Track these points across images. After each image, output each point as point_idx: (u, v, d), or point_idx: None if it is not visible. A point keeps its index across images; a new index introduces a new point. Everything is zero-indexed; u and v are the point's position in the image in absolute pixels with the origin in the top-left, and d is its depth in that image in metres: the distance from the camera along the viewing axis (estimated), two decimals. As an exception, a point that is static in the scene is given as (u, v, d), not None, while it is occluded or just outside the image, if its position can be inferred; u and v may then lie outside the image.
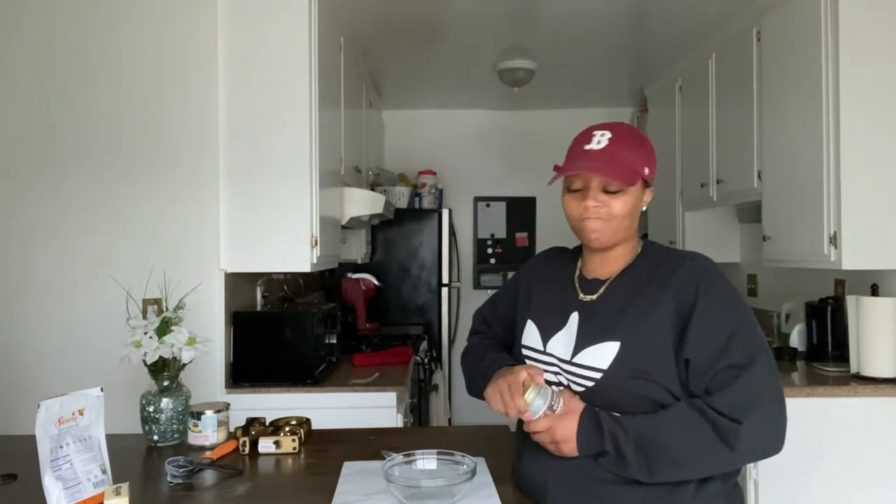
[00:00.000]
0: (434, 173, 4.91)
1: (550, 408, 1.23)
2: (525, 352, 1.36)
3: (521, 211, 5.33)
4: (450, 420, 4.20)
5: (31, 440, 1.28)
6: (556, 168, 1.30)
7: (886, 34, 2.41)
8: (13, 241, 2.39)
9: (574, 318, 1.31)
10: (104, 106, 2.40)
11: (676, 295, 1.22)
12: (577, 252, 1.43)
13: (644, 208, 1.32)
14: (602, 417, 1.20)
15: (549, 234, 5.26)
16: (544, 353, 1.32)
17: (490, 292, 5.92)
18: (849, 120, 2.40)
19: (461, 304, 5.19)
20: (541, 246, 5.31)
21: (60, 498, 1.28)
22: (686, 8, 3.14)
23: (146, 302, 2.16)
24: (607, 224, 1.27)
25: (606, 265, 1.34)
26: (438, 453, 1.39)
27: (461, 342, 5.57)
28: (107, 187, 2.40)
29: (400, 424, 2.50)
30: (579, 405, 1.23)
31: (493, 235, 5.34)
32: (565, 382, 1.28)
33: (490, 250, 5.34)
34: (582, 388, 1.25)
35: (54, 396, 1.32)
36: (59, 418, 1.32)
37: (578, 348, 1.27)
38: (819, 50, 2.48)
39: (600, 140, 1.27)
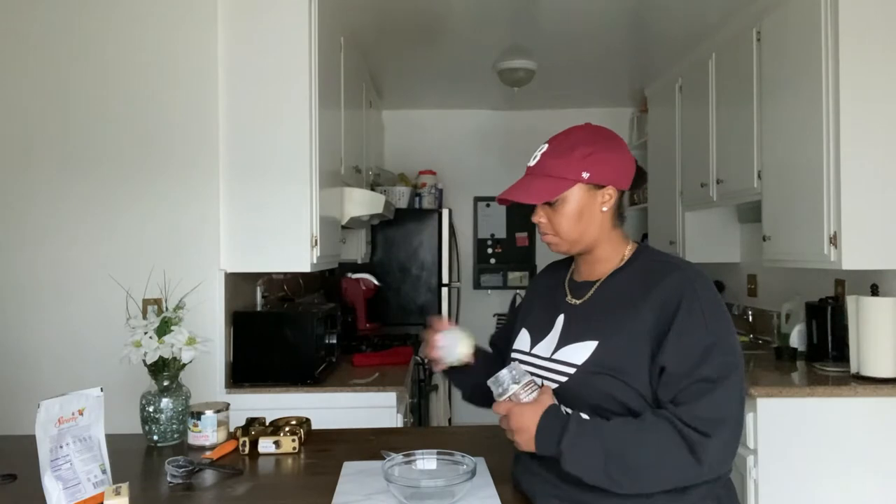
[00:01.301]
0: (434, 173, 4.91)
1: (517, 394, 1.23)
2: (514, 355, 1.39)
3: (521, 211, 5.28)
4: (450, 420, 4.20)
5: (31, 440, 1.28)
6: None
7: (886, 34, 2.41)
8: (13, 241, 2.39)
9: (560, 319, 1.33)
10: (104, 106, 2.40)
11: (660, 303, 1.21)
12: (570, 259, 1.46)
13: (605, 209, 1.30)
14: (571, 419, 1.19)
15: (549, 234, 5.26)
16: (529, 353, 1.35)
17: (490, 292, 5.93)
18: (849, 120, 2.40)
19: (461, 304, 5.19)
20: (541, 246, 5.32)
21: (60, 498, 1.28)
22: (686, 8, 3.14)
23: (146, 302, 2.16)
24: (557, 236, 1.31)
25: (594, 268, 1.35)
26: (438, 453, 1.39)
27: (461, 342, 5.49)
28: (107, 187, 2.40)
29: (400, 424, 2.50)
30: (549, 400, 1.22)
31: (493, 235, 5.34)
32: (540, 382, 1.29)
33: (490, 250, 5.34)
34: (556, 385, 1.26)
35: (54, 396, 1.32)
36: (59, 418, 1.32)
37: (559, 347, 1.29)
38: (819, 50, 2.48)
39: (536, 155, 1.33)
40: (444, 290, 4.49)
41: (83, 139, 2.40)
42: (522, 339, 1.40)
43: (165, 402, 1.73)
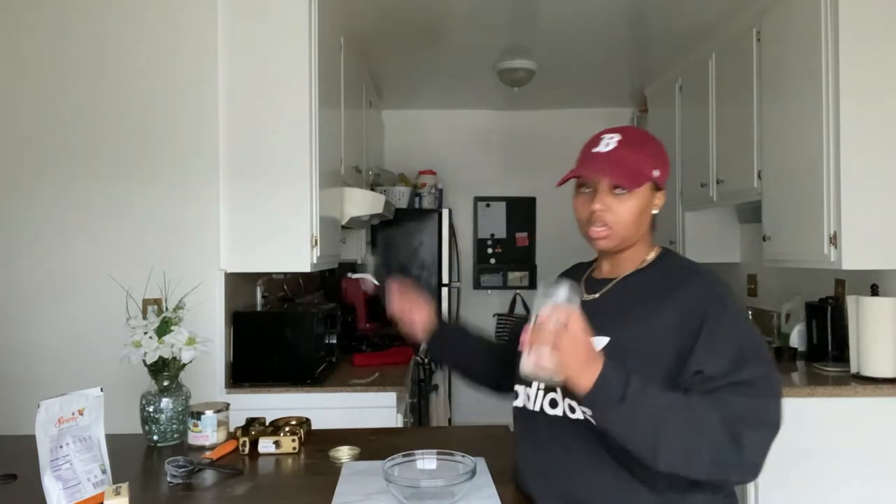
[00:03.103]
0: (434, 173, 4.92)
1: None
2: None
3: (521, 211, 5.33)
4: (450, 420, 4.20)
5: (31, 440, 1.28)
6: (568, 174, 1.31)
7: (886, 34, 2.41)
8: (13, 241, 2.39)
9: None
10: (104, 106, 2.40)
11: (687, 306, 1.19)
12: (592, 262, 1.45)
13: (655, 211, 1.32)
14: (632, 373, 1.11)
15: (549, 234, 5.27)
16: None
17: (490, 292, 5.92)
18: (849, 120, 2.40)
19: (461, 304, 5.19)
20: (540, 246, 5.32)
21: (60, 498, 1.28)
22: (686, 8, 3.14)
23: (146, 302, 2.16)
24: (613, 228, 1.27)
25: (617, 267, 1.34)
26: (438, 453, 1.39)
27: (461, 342, 5.46)
28: (107, 187, 2.40)
29: (400, 424, 2.50)
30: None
31: (493, 235, 5.34)
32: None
33: (490, 250, 5.34)
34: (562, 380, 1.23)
35: (54, 396, 1.32)
36: (59, 418, 1.32)
37: None
38: (819, 50, 2.48)
39: (609, 143, 1.28)
40: (444, 290, 4.48)
41: (83, 139, 2.40)
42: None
43: (165, 402, 1.73)
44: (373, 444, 1.68)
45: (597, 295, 1.32)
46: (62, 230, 2.39)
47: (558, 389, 1.26)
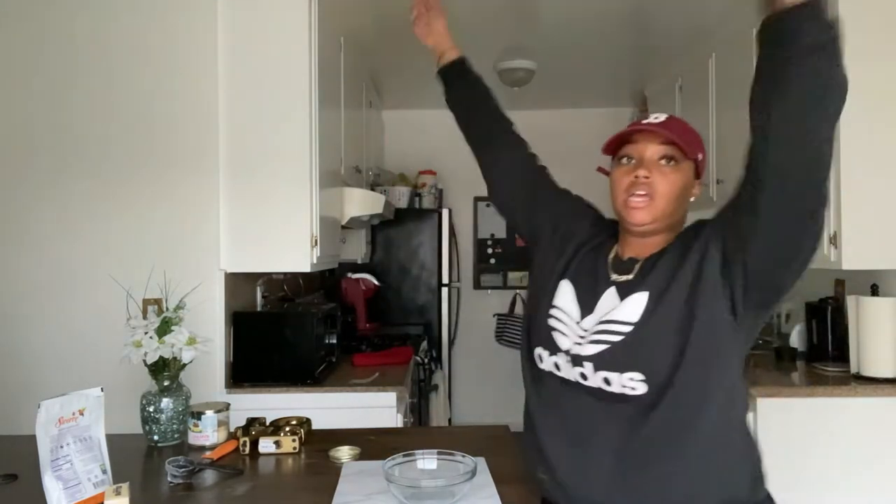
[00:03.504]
0: (434, 173, 4.91)
1: None
2: (554, 311, 1.29)
3: (521, 211, 5.31)
4: (450, 420, 4.20)
5: (31, 440, 1.29)
6: (612, 139, 1.27)
7: (886, 34, 2.41)
8: (13, 241, 2.39)
9: (607, 294, 1.25)
10: (104, 107, 2.40)
11: (697, 245, 1.19)
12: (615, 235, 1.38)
13: (692, 199, 1.29)
14: None
15: (549, 234, 5.26)
16: (578, 324, 1.25)
17: (490, 292, 5.91)
18: (848, 120, 2.38)
19: (461, 304, 5.19)
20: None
21: (61, 498, 1.28)
22: (686, 8, 3.14)
23: (146, 302, 2.16)
24: (654, 201, 1.22)
25: (644, 249, 1.28)
26: (438, 453, 1.39)
27: (461, 342, 5.59)
28: (107, 187, 2.40)
29: (400, 424, 2.50)
30: None
31: (493, 235, 5.34)
32: (587, 351, 1.20)
33: (490, 250, 5.34)
34: (607, 345, 1.18)
35: (54, 396, 1.32)
36: (59, 418, 1.32)
37: (608, 311, 1.22)
38: (819, 50, 2.48)
39: (658, 117, 1.27)
40: (444, 290, 4.48)
41: (83, 139, 2.40)
42: (565, 297, 1.29)
43: (166, 402, 1.73)
44: (373, 444, 1.68)
45: (631, 276, 1.25)
46: (62, 230, 2.39)
47: (586, 363, 1.19)
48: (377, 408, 2.46)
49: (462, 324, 5.12)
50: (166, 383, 1.75)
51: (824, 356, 2.74)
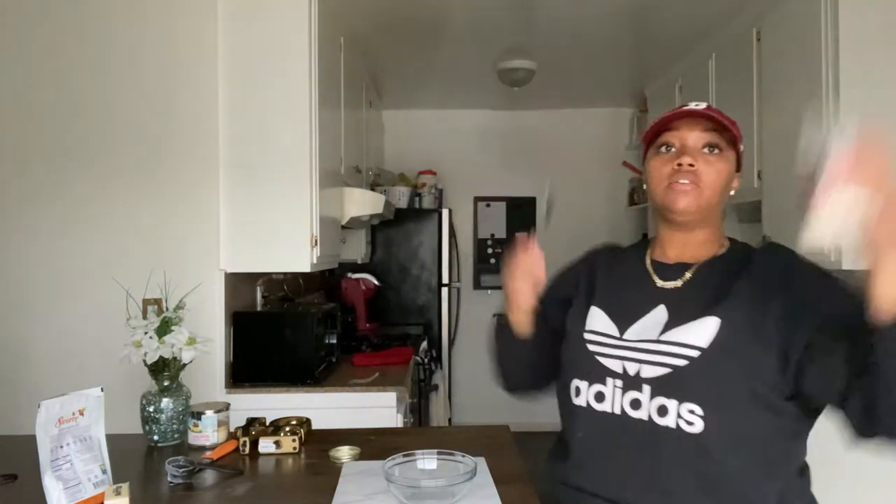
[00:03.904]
0: (434, 173, 4.92)
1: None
2: (590, 336, 1.21)
3: (521, 211, 5.33)
4: (450, 420, 4.20)
5: (31, 440, 1.28)
6: (653, 125, 1.20)
7: (886, 34, 2.41)
8: (13, 241, 2.39)
9: (660, 307, 1.17)
10: (104, 107, 2.40)
11: (772, 277, 1.10)
12: (641, 244, 1.33)
13: (732, 192, 1.21)
14: None
15: (549, 233, 5.25)
16: (620, 339, 1.17)
17: (490, 292, 5.92)
18: (848, 120, 2.40)
19: (461, 304, 5.19)
20: (541, 246, 5.31)
21: (61, 498, 1.28)
22: (686, 8, 3.14)
23: (146, 302, 2.16)
24: (699, 189, 1.14)
25: (690, 250, 1.20)
26: (438, 453, 1.39)
27: (461, 342, 5.59)
28: (106, 187, 2.40)
29: (400, 424, 2.50)
30: None
31: (493, 235, 5.34)
32: (647, 373, 1.11)
33: (490, 250, 5.34)
34: (669, 369, 1.09)
35: (55, 396, 1.32)
36: (59, 418, 1.32)
37: (668, 328, 1.13)
38: (819, 50, 2.48)
39: (698, 104, 1.19)
40: (444, 290, 4.48)
41: (83, 140, 2.40)
42: (598, 320, 1.22)
43: (166, 402, 1.73)
44: (373, 444, 1.68)
45: (679, 283, 1.18)
46: (62, 230, 2.39)
47: (645, 386, 1.10)
48: (377, 408, 2.46)
49: (462, 324, 5.12)
50: (166, 383, 1.75)
51: (824, 356, 2.73)
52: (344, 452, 1.60)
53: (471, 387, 5.15)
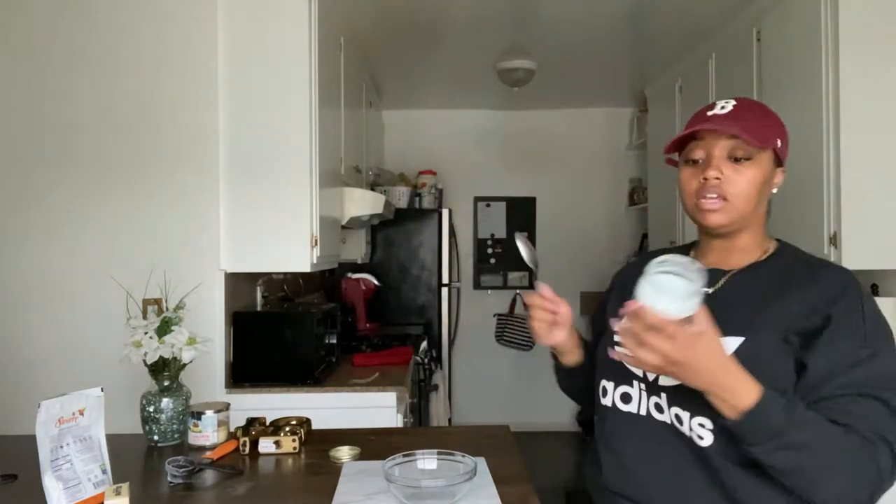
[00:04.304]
0: (434, 173, 4.92)
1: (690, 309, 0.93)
2: (619, 337, 1.16)
3: (521, 211, 5.33)
4: (450, 420, 4.20)
5: (31, 440, 1.28)
6: (678, 137, 1.16)
7: (886, 34, 2.41)
8: (13, 240, 2.39)
9: None
10: (104, 106, 2.40)
11: (813, 302, 1.06)
12: (688, 246, 1.30)
13: (775, 190, 1.17)
14: (790, 401, 0.96)
15: (550, 234, 5.27)
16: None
17: (490, 292, 5.92)
18: (849, 120, 2.40)
19: (461, 304, 5.19)
20: (540, 246, 5.31)
21: (61, 498, 1.28)
22: (686, 8, 3.14)
23: (146, 302, 2.16)
24: (729, 202, 1.11)
25: (730, 257, 1.17)
26: (438, 453, 1.39)
27: (461, 342, 5.59)
28: (107, 187, 2.40)
29: (400, 424, 2.50)
30: (716, 333, 0.97)
31: (493, 235, 5.34)
32: (663, 380, 1.11)
33: (490, 250, 5.34)
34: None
35: (55, 396, 1.32)
36: (59, 418, 1.32)
37: None
38: (819, 50, 2.48)
39: (725, 106, 1.15)
40: (444, 290, 4.49)
41: (84, 140, 2.40)
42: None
43: (166, 402, 1.73)
44: (373, 444, 1.68)
45: (711, 289, 1.13)
46: (62, 230, 2.39)
47: (662, 394, 1.10)
48: (377, 408, 2.46)
49: (462, 324, 5.12)
50: (166, 383, 1.75)
51: (824, 356, 2.73)
52: (344, 452, 1.60)
53: (471, 387, 5.16)
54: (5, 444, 1.80)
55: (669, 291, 0.93)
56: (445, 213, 4.53)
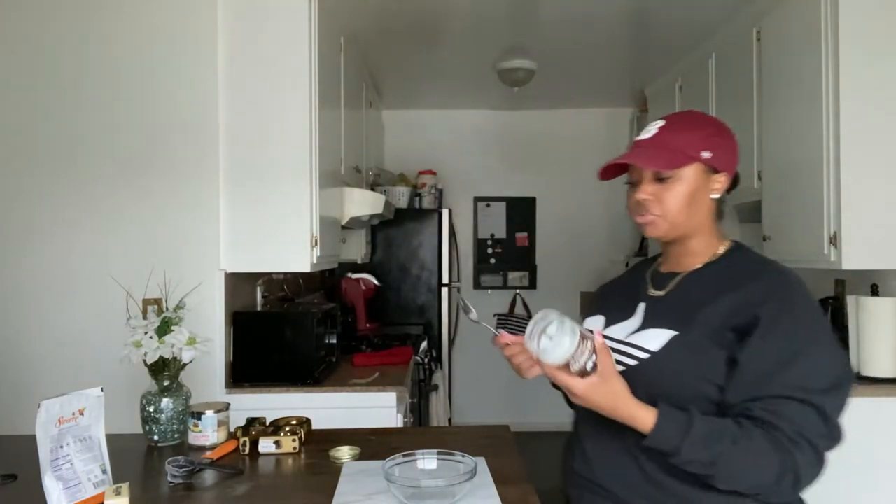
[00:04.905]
0: (434, 173, 4.92)
1: (578, 360, 1.09)
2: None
3: (521, 211, 5.33)
4: (450, 420, 4.20)
5: (31, 440, 1.28)
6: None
7: (886, 34, 2.41)
8: (13, 241, 2.39)
9: (641, 308, 1.29)
10: (104, 106, 2.40)
11: (747, 300, 1.15)
12: (658, 256, 1.41)
13: (715, 196, 1.25)
14: (694, 415, 1.10)
15: (549, 234, 5.27)
16: (585, 331, 1.23)
17: (490, 292, 5.92)
18: (849, 120, 2.40)
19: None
20: (540, 246, 5.32)
21: (61, 498, 1.28)
22: (686, 8, 3.14)
23: (146, 302, 2.16)
24: (660, 216, 1.23)
25: (683, 260, 1.29)
26: (438, 453, 1.39)
27: (461, 342, 5.58)
28: (107, 187, 2.40)
29: (400, 424, 2.50)
30: (617, 377, 1.12)
31: (493, 235, 5.34)
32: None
33: (490, 250, 5.34)
34: (623, 367, 1.20)
35: (54, 396, 1.32)
36: (59, 418, 1.32)
37: (637, 331, 1.24)
38: (819, 50, 2.48)
39: (651, 129, 1.26)
40: (444, 290, 4.48)
41: (84, 140, 2.40)
42: (594, 324, 1.35)
43: (166, 402, 1.73)
44: (373, 444, 1.68)
45: (662, 292, 1.28)
46: (63, 230, 2.39)
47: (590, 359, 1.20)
48: (377, 408, 2.46)
49: (462, 324, 5.12)
50: (166, 383, 1.75)
51: (824, 356, 2.73)
52: (344, 452, 1.60)
53: (471, 387, 5.16)
54: (5, 444, 1.80)
55: (545, 347, 1.09)
56: (445, 213, 4.53)
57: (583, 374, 1.10)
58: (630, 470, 1.21)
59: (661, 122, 1.26)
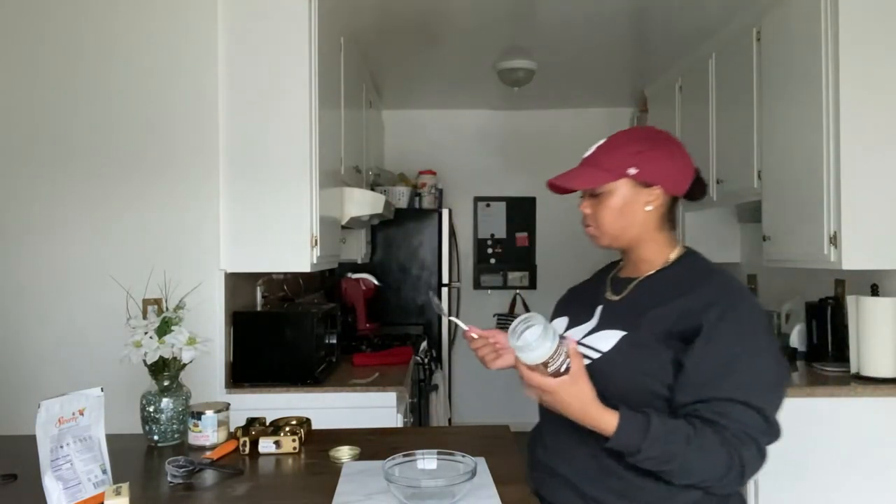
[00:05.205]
0: (434, 173, 4.92)
1: (555, 361, 1.16)
2: None
3: (521, 211, 5.33)
4: (450, 420, 4.20)
5: (31, 440, 1.28)
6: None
7: (886, 34, 2.41)
8: (13, 241, 2.39)
9: (598, 311, 1.37)
10: (104, 106, 2.40)
11: (692, 305, 1.23)
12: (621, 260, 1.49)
13: (648, 208, 1.32)
14: (652, 417, 1.16)
15: (549, 234, 5.27)
16: (562, 336, 1.30)
17: (490, 292, 5.92)
18: (849, 120, 2.40)
19: (461, 304, 5.19)
20: (540, 246, 5.32)
21: (61, 498, 1.28)
22: (686, 8, 3.14)
23: (146, 302, 2.16)
24: (598, 228, 1.35)
25: (637, 266, 1.38)
26: (438, 453, 1.39)
27: (461, 342, 5.56)
28: (107, 187, 2.40)
29: (400, 424, 2.50)
30: (586, 383, 1.19)
31: (493, 235, 5.34)
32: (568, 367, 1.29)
33: (490, 250, 5.34)
34: None
35: (54, 396, 1.32)
36: (59, 418, 1.32)
37: (592, 332, 1.32)
38: (819, 50, 2.48)
39: (591, 148, 1.36)
40: (445, 290, 4.48)
41: (84, 139, 2.40)
42: (559, 323, 1.42)
43: (166, 402, 1.73)
44: (373, 444, 1.68)
45: (618, 297, 1.36)
46: (62, 230, 2.39)
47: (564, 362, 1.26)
48: (377, 408, 2.46)
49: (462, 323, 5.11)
50: (166, 383, 1.75)
51: (824, 356, 2.74)
52: (344, 452, 1.60)
53: (471, 387, 5.15)
54: (5, 444, 1.80)
55: (525, 345, 1.15)
56: (445, 213, 4.53)
57: (556, 375, 1.17)
58: (586, 460, 1.28)
59: (601, 141, 1.35)
